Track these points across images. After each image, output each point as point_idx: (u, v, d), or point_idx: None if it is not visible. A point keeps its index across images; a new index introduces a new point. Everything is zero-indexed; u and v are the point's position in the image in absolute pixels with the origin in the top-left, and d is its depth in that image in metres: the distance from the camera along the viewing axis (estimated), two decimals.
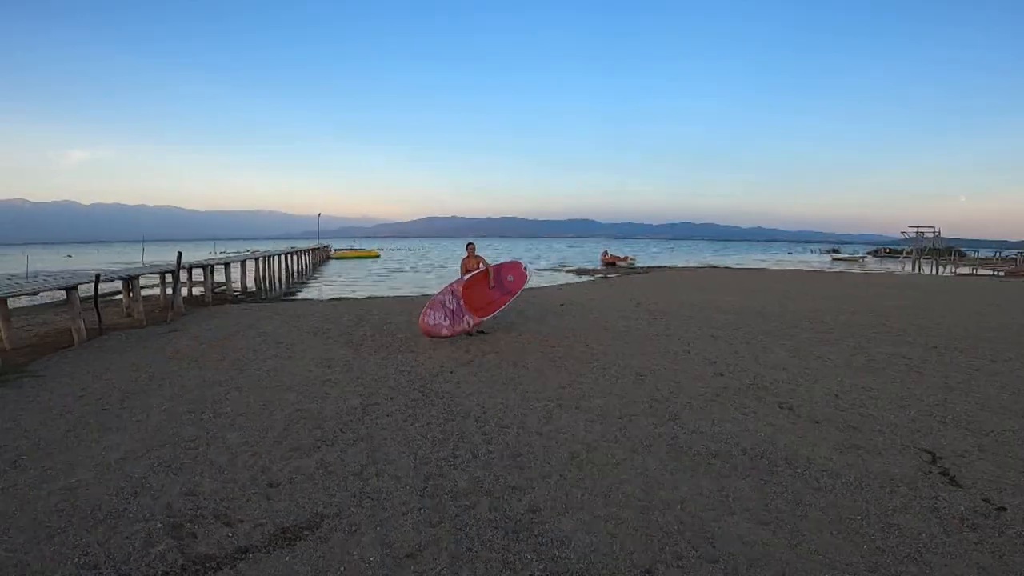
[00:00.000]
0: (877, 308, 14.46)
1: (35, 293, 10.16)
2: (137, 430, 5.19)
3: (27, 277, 10.33)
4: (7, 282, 10.53)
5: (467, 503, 3.82)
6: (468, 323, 9.52)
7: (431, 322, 9.54)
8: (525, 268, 11.36)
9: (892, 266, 47.62)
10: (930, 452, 4.67)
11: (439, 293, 9.86)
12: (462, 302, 9.62)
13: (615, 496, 3.90)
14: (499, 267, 11.10)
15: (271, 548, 3.27)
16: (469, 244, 10.74)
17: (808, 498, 3.81)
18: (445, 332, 9.49)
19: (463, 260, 10.48)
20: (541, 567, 3.10)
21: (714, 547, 3.24)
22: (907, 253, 53.99)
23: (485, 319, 9.90)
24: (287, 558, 3.17)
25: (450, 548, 3.29)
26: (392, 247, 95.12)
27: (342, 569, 3.08)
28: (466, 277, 10.05)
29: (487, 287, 10.61)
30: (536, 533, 3.44)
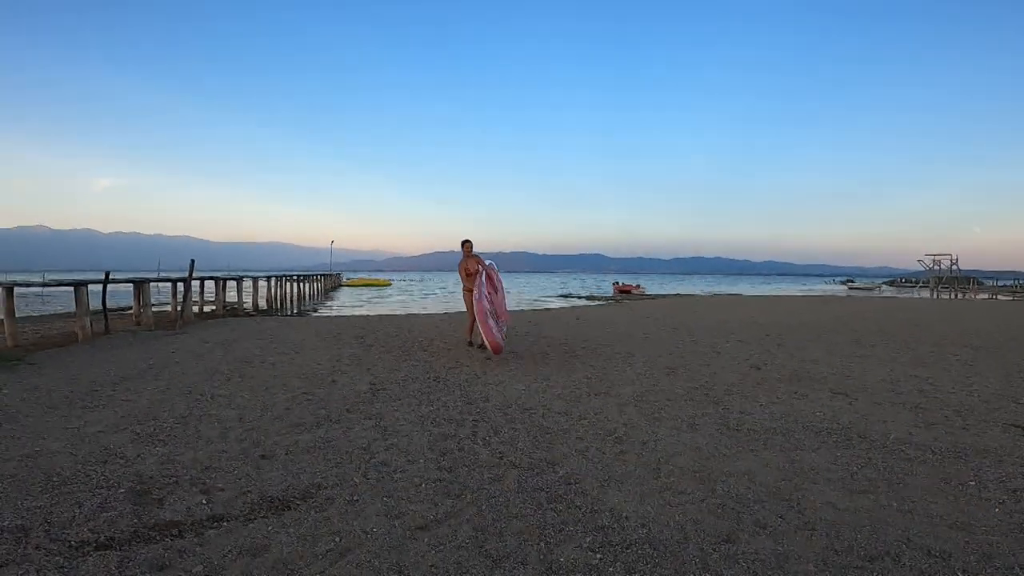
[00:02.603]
0: (906, 319, 13.83)
1: (43, 286, 9.87)
2: (124, 408, 4.67)
3: (43, 283, 10.09)
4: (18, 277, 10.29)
5: (491, 476, 3.25)
6: (501, 330, 7.63)
7: (498, 335, 7.20)
8: (493, 266, 9.13)
9: (910, 295, 46.62)
10: (1019, 427, 4.07)
11: (479, 299, 7.50)
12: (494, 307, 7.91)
13: (666, 469, 3.32)
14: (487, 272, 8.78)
15: (251, 517, 2.71)
16: (465, 242, 8.37)
17: (900, 467, 3.22)
18: (504, 345, 7.55)
19: (460, 263, 8.41)
20: (588, 539, 2.52)
21: (803, 514, 2.65)
22: (924, 283, 52.94)
23: (505, 321, 8.20)
24: (269, 527, 2.60)
25: (473, 520, 2.71)
26: (402, 279, 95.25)
27: (337, 540, 2.50)
28: (459, 266, 8.23)
29: (496, 293, 8.48)
30: (578, 505, 2.86)
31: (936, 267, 46.73)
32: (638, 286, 44.26)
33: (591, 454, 3.58)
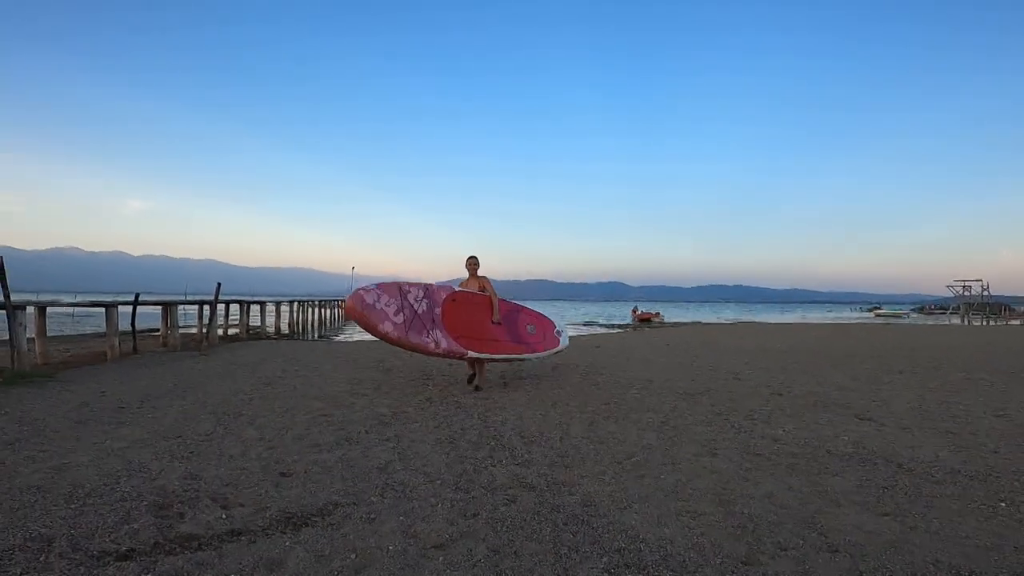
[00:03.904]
0: (937, 345, 13.50)
1: (73, 306, 10.22)
2: (149, 424, 4.80)
3: (74, 303, 10.46)
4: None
5: (508, 497, 3.23)
6: (439, 344, 6.45)
7: (369, 302, 5.99)
8: (558, 332, 8.27)
9: (940, 321, 45.28)
10: None
11: (406, 283, 6.54)
12: (438, 311, 6.64)
13: (685, 492, 3.27)
14: (517, 308, 7.88)
15: (270, 532, 2.73)
16: (470, 259, 7.33)
17: (929, 490, 3.14)
18: (387, 329, 6.04)
19: (460, 284, 7.37)
20: (605, 560, 2.49)
21: (826, 537, 2.59)
22: (954, 309, 51.54)
23: (482, 355, 6.93)
24: (287, 542, 2.63)
25: (489, 540, 2.70)
26: None
27: (353, 556, 2.51)
28: (457, 288, 7.14)
29: (488, 319, 7.22)
30: (594, 526, 2.82)
31: (966, 293, 45.57)
32: (658, 314, 43.76)
33: (609, 477, 3.55)
